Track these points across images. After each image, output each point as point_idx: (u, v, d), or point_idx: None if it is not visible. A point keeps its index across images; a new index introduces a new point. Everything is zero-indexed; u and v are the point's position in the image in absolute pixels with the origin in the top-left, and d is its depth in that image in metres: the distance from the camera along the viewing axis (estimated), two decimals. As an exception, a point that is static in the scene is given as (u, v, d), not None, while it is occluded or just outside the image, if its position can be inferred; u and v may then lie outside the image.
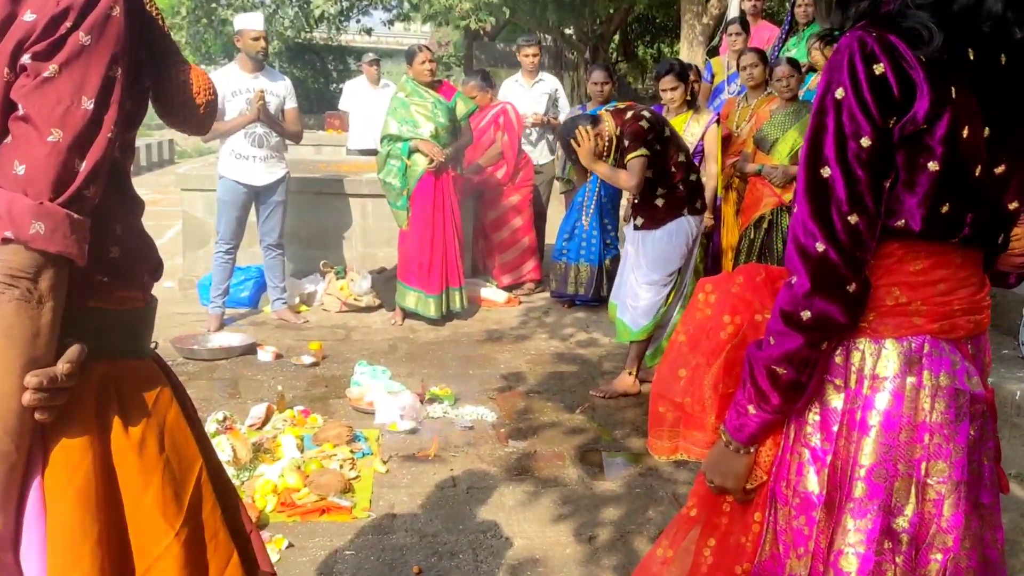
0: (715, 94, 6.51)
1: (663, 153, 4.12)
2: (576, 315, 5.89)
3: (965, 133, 1.30)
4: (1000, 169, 1.36)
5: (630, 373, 4.39)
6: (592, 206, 5.80)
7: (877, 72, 1.28)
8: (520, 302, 6.25)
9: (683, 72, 4.92)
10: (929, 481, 1.37)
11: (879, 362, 1.40)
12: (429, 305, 5.53)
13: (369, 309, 5.92)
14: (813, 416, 1.45)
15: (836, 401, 1.43)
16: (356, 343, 5.25)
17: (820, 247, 1.33)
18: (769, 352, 1.41)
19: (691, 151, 4.97)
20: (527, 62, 6.60)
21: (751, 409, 1.46)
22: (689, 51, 11.43)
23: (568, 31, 16.26)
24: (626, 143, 4.08)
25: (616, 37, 17.60)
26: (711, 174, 5.07)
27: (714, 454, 1.53)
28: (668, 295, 4.29)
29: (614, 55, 18.41)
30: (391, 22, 19.29)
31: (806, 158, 1.35)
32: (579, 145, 4.08)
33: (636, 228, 4.28)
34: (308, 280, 6.16)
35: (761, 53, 5.48)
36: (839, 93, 1.30)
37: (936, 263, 1.39)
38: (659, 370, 1.77)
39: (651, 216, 4.21)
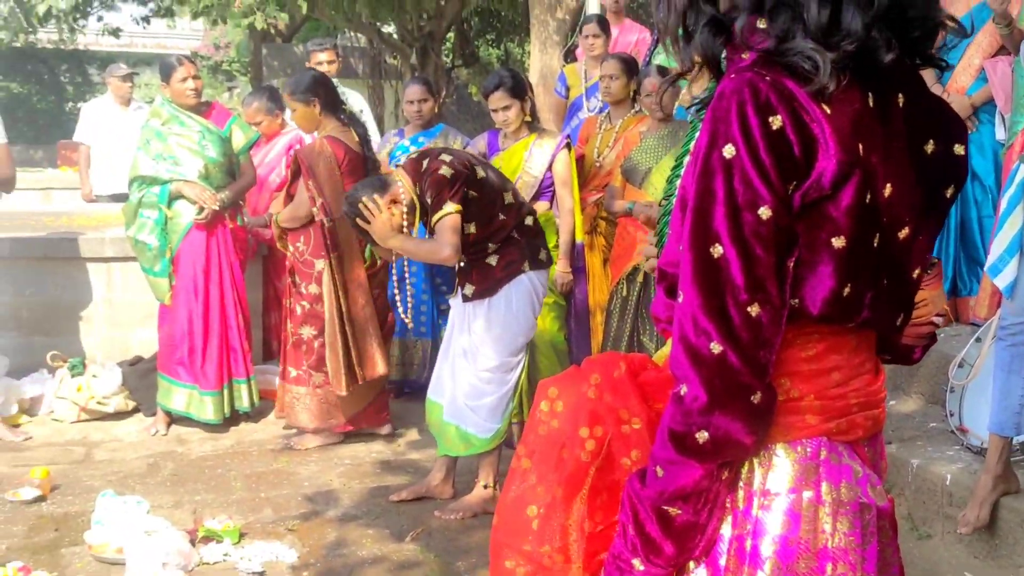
0: (572, 111, 6.75)
1: (483, 199, 4.17)
2: (407, 406, 5.90)
3: (868, 198, 1.38)
4: (904, 233, 1.46)
5: (486, 486, 4.41)
6: (420, 264, 5.85)
7: (774, 126, 1.33)
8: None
9: (517, 86, 5.09)
10: None
11: (770, 474, 1.47)
12: (205, 405, 5.42)
13: (120, 415, 5.75)
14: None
15: (723, 527, 1.48)
16: (101, 465, 5.07)
17: (716, 348, 1.37)
18: (658, 488, 1.44)
19: (538, 186, 5.15)
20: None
21: (637, 564, 1.48)
22: (542, 53, 11.82)
23: (388, 29, 16.50)
24: (429, 200, 4.08)
25: (451, 36, 18.01)
26: (566, 211, 5.23)
27: None
28: (519, 379, 4.36)
29: (450, 58, 18.80)
30: (147, 19, 18.99)
31: (691, 231, 1.39)
32: (368, 223, 4.09)
33: (466, 300, 4.30)
34: (30, 380, 5.92)
35: (626, 61, 5.72)
36: (728, 151, 1.35)
37: (830, 347, 1.48)
38: (499, 510, 1.76)
39: (483, 280, 4.24)
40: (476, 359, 4.29)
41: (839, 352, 1.48)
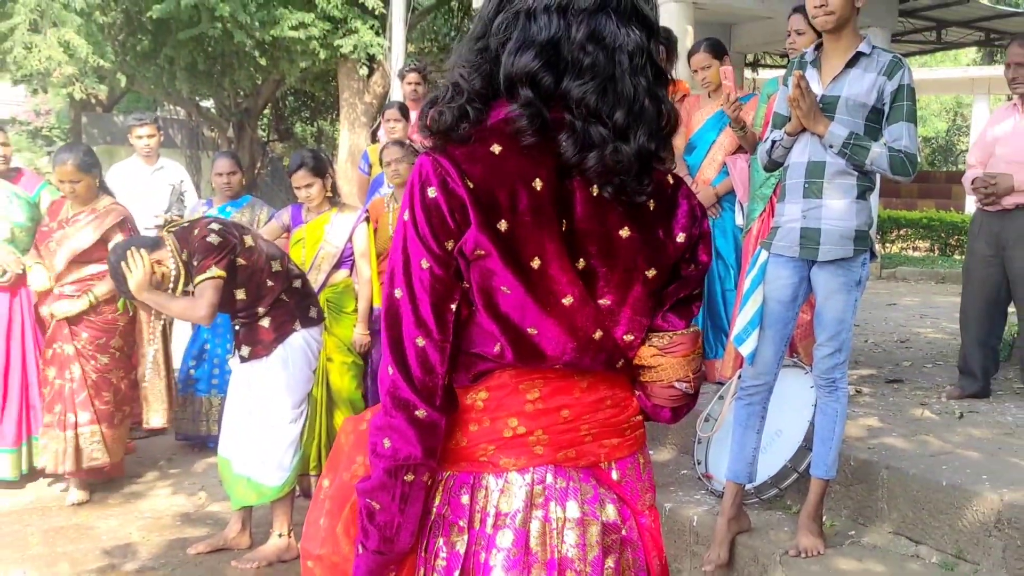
0: (374, 187, 6.94)
1: (251, 267, 4.29)
2: (210, 461, 5.88)
3: (536, 264, 1.62)
4: (607, 302, 1.69)
5: (281, 535, 4.50)
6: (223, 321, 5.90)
7: (430, 196, 1.61)
8: (135, 448, 6.15)
9: (318, 165, 5.29)
10: None
11: (502, 498, 1.70)
12: (1, 463, 5.32)
13: (-87, 475, 5.48)
14: (440, 562, 1.72)
15: (460, 544, 1.70)
16: None
17: (390, 371, 1.65)
18: (364, 484, 1.69)
19: (339, 256, 5.35)
20: (141, 145, 6.70)
21: (359, 549, 1.72)
22: (351, 133, 12.09)
23: (206, 104, 16.43)
24: (195, 263, 4.17)
25: (267, 112, 18.06)
26: (364, 280, 5.43)
27: None
28: (303, 428, 4.51)
29: (266, 133, 18.83)
30: (-41, 82, 18.19)
31: (387, 278, 1.68)
32: (131, 271, 4.11)
33: (244, 360, 4.42)
34: None
35: (408, 146, 5.80)
36: (406, 215, 1.64)
37: (556, 390, 1.71)
38: (306, 521, 1.99)
39: (259, 342, 4.37)
40: (260, 415, 4.39)
41: (568, 393, 1.71)
